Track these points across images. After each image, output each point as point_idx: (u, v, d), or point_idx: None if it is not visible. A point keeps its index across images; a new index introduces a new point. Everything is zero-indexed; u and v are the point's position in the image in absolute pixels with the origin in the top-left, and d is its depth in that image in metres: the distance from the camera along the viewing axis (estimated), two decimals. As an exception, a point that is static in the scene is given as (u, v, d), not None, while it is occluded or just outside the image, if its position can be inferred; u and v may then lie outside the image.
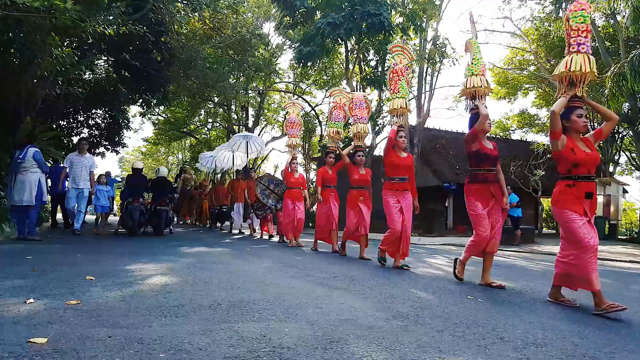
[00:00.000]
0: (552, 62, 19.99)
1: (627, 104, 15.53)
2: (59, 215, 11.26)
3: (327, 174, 7.00)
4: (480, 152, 4.10)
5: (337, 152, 7.07)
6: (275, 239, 9.31)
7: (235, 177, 11.90)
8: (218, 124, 29.30)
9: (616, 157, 21.46)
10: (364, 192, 6.11)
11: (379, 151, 17.53)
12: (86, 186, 8.50)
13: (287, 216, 7.77)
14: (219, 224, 13.71)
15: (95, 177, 9.13)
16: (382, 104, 17.40)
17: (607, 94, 12.26)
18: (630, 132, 18.75)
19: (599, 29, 16.20)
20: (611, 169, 20.69)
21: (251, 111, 25.85)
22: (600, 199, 17.39)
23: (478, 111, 4.17)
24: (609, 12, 15.12)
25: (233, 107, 25.63)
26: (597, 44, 15.31)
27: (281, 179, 8.78)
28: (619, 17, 13.63)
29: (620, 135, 20.50)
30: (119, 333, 2.06)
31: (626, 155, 22.96)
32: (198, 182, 16.16)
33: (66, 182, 9.45)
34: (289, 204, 7.74)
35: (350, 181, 6.25)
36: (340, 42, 16.14)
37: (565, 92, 3.46)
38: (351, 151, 6.51)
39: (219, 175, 16.16)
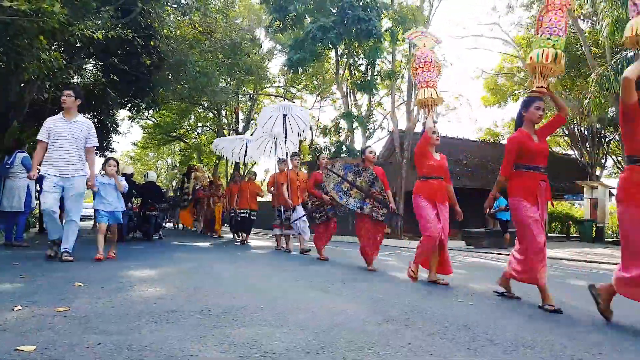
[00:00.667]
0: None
1: (612, 108, 15.79)
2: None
3: (529, 143, 3.48)
4: None
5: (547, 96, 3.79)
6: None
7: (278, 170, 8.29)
8: (208, 129, 29.20)
9: (603, 161, 21.83)
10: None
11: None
12: (77, 174, 4.71)
13: (426, 229, 4.25)
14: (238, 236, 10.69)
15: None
16: (372, 109, 17.48)
17: (590, 96, 12.66)
18: (617, 135, 19.07)
19: (585, 35, 16.46)
20: (598, 172, 21.03)
21: (241, 115, 25.80)
22: (587, 203, 17.63)
23: None
24: (594, 17, 15.41)
25: (223, 111, 25.55)
26: (583, 49, 15.57)
27: (361, 163, 5.62)
28: (598, 27, 13.91)
29: (607, 139, 20.89)
30: (108, 340, 2.04)
31: (612, 159, 23.32)
32: (209, 181, 13.44)
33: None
34: (424, 207, 4.35)
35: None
36: (330, 47, 16.24)
37: None
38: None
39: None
